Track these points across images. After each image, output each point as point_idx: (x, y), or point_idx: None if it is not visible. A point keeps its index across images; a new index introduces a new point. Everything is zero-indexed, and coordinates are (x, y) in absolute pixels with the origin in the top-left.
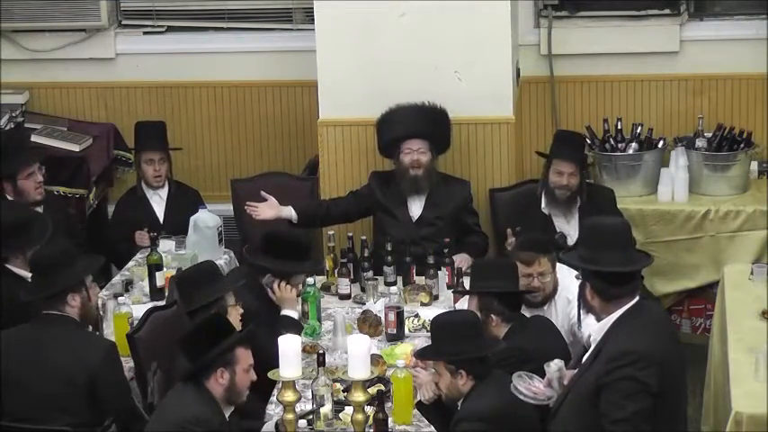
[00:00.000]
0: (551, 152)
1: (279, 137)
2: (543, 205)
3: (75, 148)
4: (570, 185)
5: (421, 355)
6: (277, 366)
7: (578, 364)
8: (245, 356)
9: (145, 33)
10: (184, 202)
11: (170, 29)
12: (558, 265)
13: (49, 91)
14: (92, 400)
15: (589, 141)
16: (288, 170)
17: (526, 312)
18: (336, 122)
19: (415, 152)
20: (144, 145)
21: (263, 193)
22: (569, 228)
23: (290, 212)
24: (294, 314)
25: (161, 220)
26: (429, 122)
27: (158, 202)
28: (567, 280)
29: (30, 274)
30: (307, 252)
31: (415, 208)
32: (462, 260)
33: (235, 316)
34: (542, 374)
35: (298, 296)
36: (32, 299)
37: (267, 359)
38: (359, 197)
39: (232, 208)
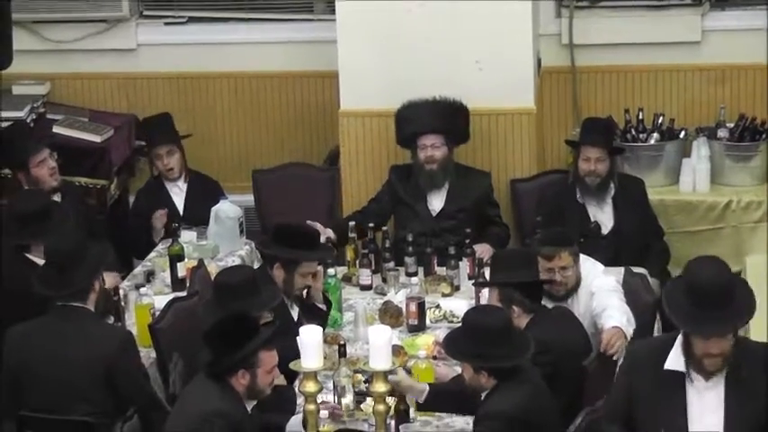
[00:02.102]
0: (579, 138)
1: (300, 127)
2: (578, 195)
3: (97, 138)
4: (598, 171)
5: (448, 351)
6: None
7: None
8: (268, 359)
9: (166, 24)
10: (204, 192)
11: (191, 19)
12: (582, 256)
13: (71, 82)
14: (110, 389)
15: None
16: (309, 161)
17: (548, 304)
18: (357, 113)
19: (429, 148)
20: (151, 140)
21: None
22: (603, 216)
23: (330, 234)
24: (320, 305)
25: (181, 211)
26: (443, 117)
27: (178, 194)
28: (591, 272)
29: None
30: (314, 240)
31: (436, 202)
32: (483, 251)
33: (262, 320)
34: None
35: (310, 288)
36: (55, 294)
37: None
38: (380, 202)
39: (253, 199)
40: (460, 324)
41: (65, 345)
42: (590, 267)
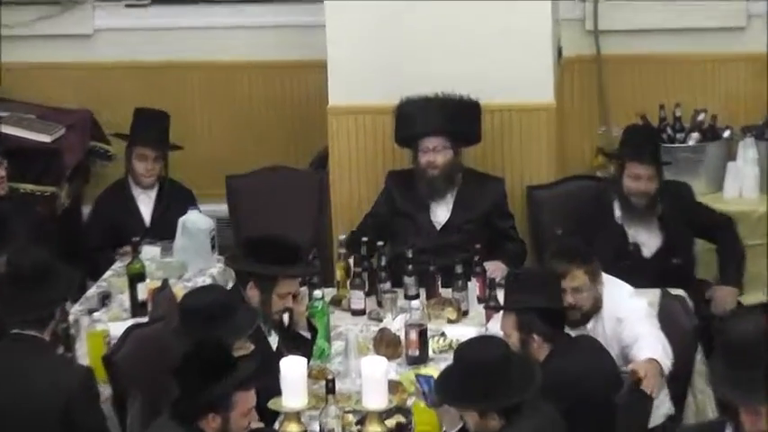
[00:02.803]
0: (623, 152)
1: (282, 126)
2: (617, 213)
3: (47, 138)
4: (649, 190)
5: (443, 398)
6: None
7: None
8: (244, 400)
9: (127, 6)
10: (176, 203)
11: (156, 1)
12: (606, 276)
13: (17, 72)
14: (67, 427)
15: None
16: (292, 164)
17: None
18: (349, 109)
19: (430, 152)
20: (139, 138)
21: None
22: (647, 237)
23: None
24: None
25: (147, 222)
26: (449, 116)
27: (146, 203)
28: (618, 295)
29: None
30: (294, 254)
31: (441, 213)
32: (496, 269)
33: (242, 351)
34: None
35: (292, 310)
36: (19, 319)
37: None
38: (377, 216)
39: (227, 208)
40: (453, 362)
41: (21, 378)
42: (616, 290)
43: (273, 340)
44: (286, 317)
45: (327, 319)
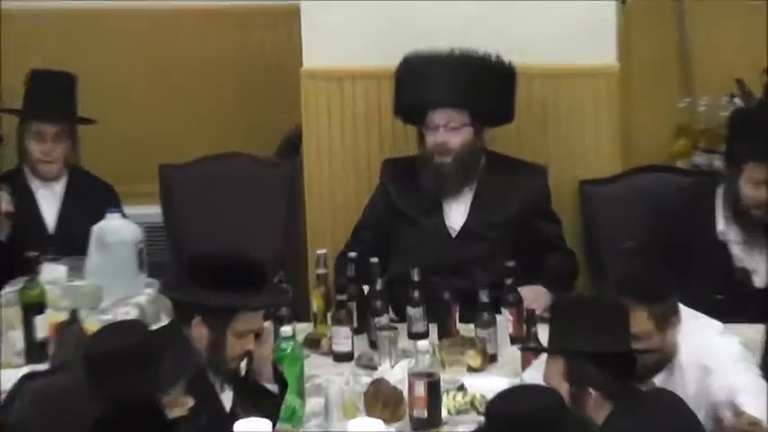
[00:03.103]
0: (738, 149)
1: (239, 97)
2: (720, 227)
3: None
4: None
5: None
6: None
7: None
8: None
9: None
10: (90, 203)
11: None
12: (688, 312)
13: None
14: None
15: (739, 101)
16: (253, 150)
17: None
18: (330, 73)
19: (441, 129)
20: (34, 110)
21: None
22: (761, 261)
23: None
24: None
25: (50, 229)
26: (469, 81)
27: (49, 202)
28: (704, 336)
29: None
30: (257, 277)
31: (456, 213)
32: (536, 297)
33: (179, 410)
34: None
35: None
36: None
37: None
38: (371, 224)
39: (161, 211)
40: (485, 423)
41: None
42: (700, 328)
43: (227, 397)
44: (244, 364)
45: (300, 367)
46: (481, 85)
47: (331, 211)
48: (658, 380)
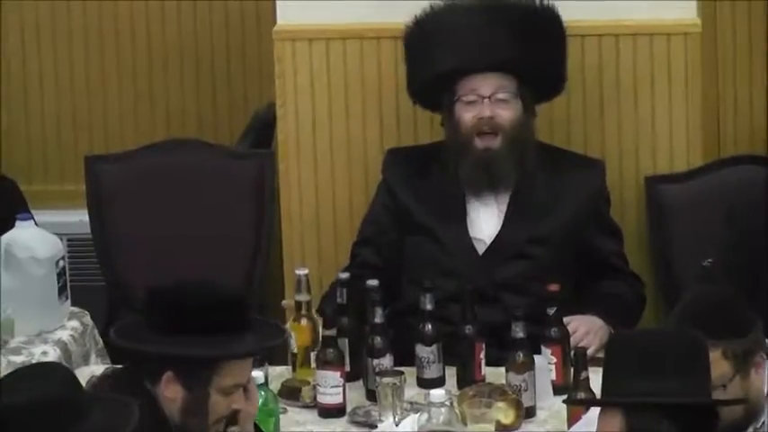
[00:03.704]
0: None
1: (191, 64)
2: None
3: None
4: None
5: None
6: None
7: None
8: None
9: None
10: None
11: None
12: None
13: None
14: None
15: None
16: (210, 137)
17: None
18: (313, 32)
19: (485, 102)
20: None
21: None
22: None
23: None
24: None
25: None
26: (514, 36)
27: None
28: None
29: None
30: (241, 313)
31: (486, 221)
32: (588, 332)
33: None
34: None
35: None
36: None
37: None
38: (375, 238)
39: (89, 218)
40: None
41: None
42: None
43: None
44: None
45: (275, 425)
46: (529, 40)
47: (314, 219)
48: None
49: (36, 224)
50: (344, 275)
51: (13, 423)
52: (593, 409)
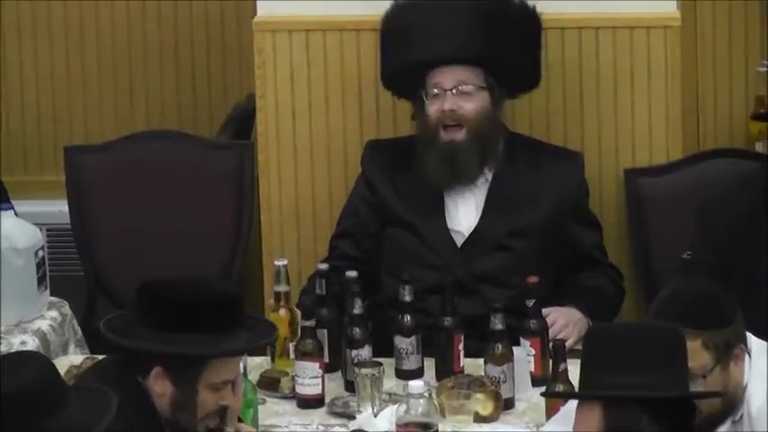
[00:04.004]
0: None
1: (172, 57)
2: None
3: None
4: None
5: None
6: None
7: None
8: None
9: None
10: None
11: None
12: (763, 346)
13: None
14: None
15: None
16: (189, 128)
17: None
18: (292, 24)
19: (448, 95)
20: None
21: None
22: None
23: None
24: None
25: None
26: (483, 28)
27: None
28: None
29: None
30: (234, 309)
31: (464, 213)
32: (567, 324)
33: None
34: None
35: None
36: None
37: None
38: (354, 231)
39: (68, 208)
40: None
41: None
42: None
43: None
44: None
45: (253, 416)
46: (499, 33)
47: (293, 210)
48: None
49: (16, 214)
50: (323, 266)
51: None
52: (571, 401)
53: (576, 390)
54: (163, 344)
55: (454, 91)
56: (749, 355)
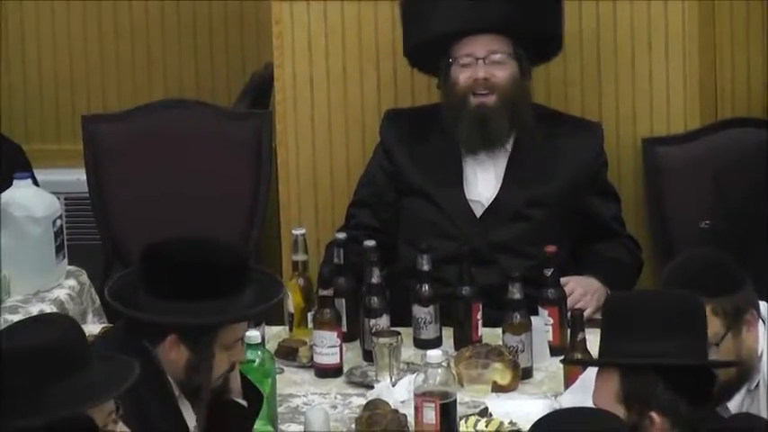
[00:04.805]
0: None
1: (190, 26)
2: None
3: None
4: None
5: None
6: None
7: None
8: None
9: None
10: None
11: None
12: None
13: None
14: None
15: None
16: (207, 97)
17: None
18: None
19: (479, 64)
20: None
21: None
22: None
23: None
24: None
25: None
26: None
27: None
28: None
29: None
30: (241, 270)
31: (483, 183)
32: (585, 293)
33: None
34: None
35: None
36: None
37: None
38: (371, 200)
39: (86, 177)
40: None
41: None
42: None
43: (190, 418)
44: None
45: (272, 385)
46: (524, 2)
47: (311, 179)
48: (734, 404)
49: (35, 183)
50: (341, 235)
51: (16, 368)
52: (589, 370)
53: (596, 357)
54: (179, 314)
55: (486, 60)
56: (764, 322)
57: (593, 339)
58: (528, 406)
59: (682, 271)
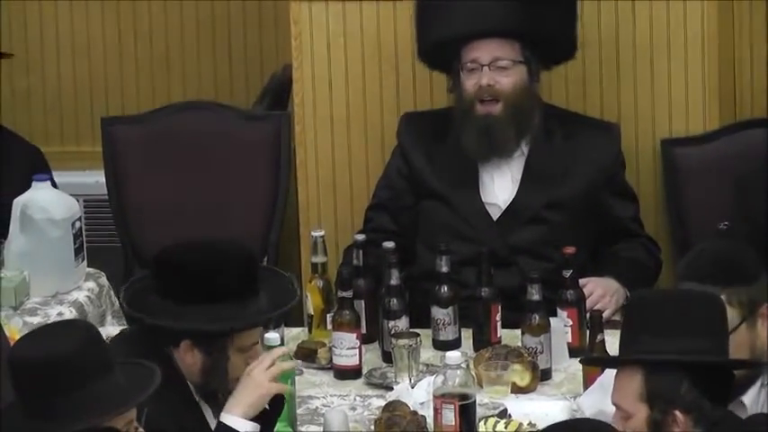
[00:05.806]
0: None
1: (208, 28)
2: None
3: None
4: None
5: None
6: None
7: None
8: None
9: None
10: (11, 169)
11: None
12: None
13: None
14: None
15: None
16: (226, 99)
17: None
18: None
19: (485, 68)
20: None
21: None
22: None
23: None
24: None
25: None
26: (521, 1)
27: None
28: None
29: None
30: (254, 273)
31: (500, 186)
32: (604, 294)
33: None
34: None
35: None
36: None
37: None
38: (389, 203)
39: (105, 179)
40: None
41: None
42: None
43: (210, 418)
44: None
45: (290, 387)
46: (536, 6)
47: (330, 181)
48: (749, 399)
49: (54, 185)
50: (360, 237)
51: (35, 378)
52: (607, 372)
53: (618, 356)
54: (192, 319)
55: (491, 66)
56: None
57: (612, 341)
58: (547, 407)
59: (698, 260)
